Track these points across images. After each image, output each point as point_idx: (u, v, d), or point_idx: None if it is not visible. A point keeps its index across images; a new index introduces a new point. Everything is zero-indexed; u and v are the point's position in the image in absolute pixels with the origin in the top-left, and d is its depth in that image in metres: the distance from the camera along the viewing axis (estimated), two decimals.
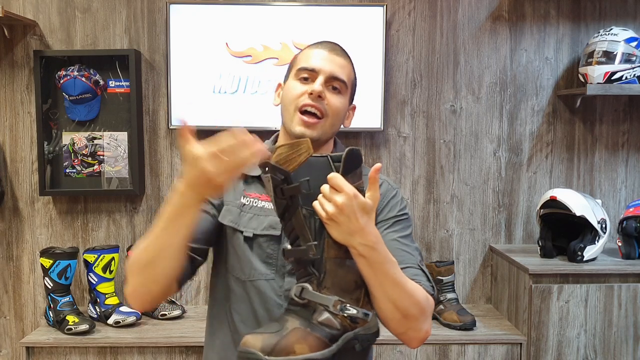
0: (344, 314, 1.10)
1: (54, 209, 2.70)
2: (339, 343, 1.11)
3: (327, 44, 1.39)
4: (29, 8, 2.62)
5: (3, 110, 2.67)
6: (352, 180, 1.09)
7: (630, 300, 2.34)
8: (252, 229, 1.33)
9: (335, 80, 1.35)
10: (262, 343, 1.08)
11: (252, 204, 1.36)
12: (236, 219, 1.35)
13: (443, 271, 2.53)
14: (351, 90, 1.41)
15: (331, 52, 1.37)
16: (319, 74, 1.34)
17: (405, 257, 1.30)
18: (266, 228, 1.32)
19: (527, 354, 2.36)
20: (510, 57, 2.71)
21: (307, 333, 1.10)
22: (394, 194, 1.41)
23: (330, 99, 1.34)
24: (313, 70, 1.34)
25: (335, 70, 1.35)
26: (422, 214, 2.74)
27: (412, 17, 2.68)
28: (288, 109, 1.35)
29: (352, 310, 1.10)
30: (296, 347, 1.08)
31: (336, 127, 1.39)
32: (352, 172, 1.11)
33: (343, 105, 1.37)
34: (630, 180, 2.76)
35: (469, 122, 2.72)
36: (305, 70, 1.35)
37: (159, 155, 2.70)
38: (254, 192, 1.37)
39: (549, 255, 2.47)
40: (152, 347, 2.34)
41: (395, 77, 2.69)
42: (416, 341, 1.25)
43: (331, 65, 1.35)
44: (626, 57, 2.46)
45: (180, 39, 2.57)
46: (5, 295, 2.72)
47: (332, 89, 1.35)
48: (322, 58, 1.36)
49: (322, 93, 1.32)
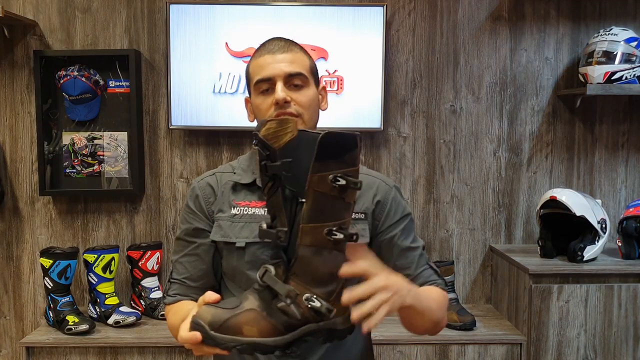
0: (308, 305, 1.04)
1: (54, 209, 2.70)
2: (295, 333, 1.05)
3: (270, 45, 1.36)
4: (29, 8, 2.63)
5: (3, 110, 2.67)
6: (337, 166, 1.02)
7: (630, 300, 2.34)
8: (244, 238, 1.32)
9: (293, 77, 1.33)
10: (212, 317, 1.03)
11: (243, 212, 1.34)
12: (227, 231, 1.34)
13: (443, 271, 2.53)
14: (314, 77, 1.38)
15: (278, 52, 1.34)
16: (276, 80, 1.32)
17: (419, 261, 1.38)
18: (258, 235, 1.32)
19: (527, 354, 2.36)
20: (510, 57, 2.71)
21: (262, 317, 1.05)
22: (392, 195, 1.40)
23: (297, 98, 1.32)
24: (269, 79, 1.32)
25: (289, 68, 1.32)
26: (422, 214, 2.74)
27: (412, 17, 2.68)
28: None
29: (316, 302, 1.04)
30: (245, 329, 1.03)
31: (315, 118, 1.37)
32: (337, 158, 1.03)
33: (312, 96, 1.35)
34: (630, 180, 2.76)
35: (469, 122, 2.72)
36: (262, 82, 1.33)
37: (159, 155, 2.70)
38: (243, 201, 1.36)
39: (549, 255, 2.47)
40: (152, 347, 2.34)
41: (395, 77, 2.69)
42: (438, 332, 1.34)
43: (282, 65, 1.32)
44: (626, 57, 2.46)
45: (180, 39, 2.57)
46: (5, 295, 2.72)
47: (294, 87, 1.33)
48: (272, 62, 1.33)
49: (286, 98, 1.30)
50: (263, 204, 1.33)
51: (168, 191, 2.71)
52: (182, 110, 2.59)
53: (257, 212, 1.33)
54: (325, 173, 1.03)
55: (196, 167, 2.69)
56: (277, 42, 1.37)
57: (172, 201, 2.71)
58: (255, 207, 1.34)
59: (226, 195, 1.37)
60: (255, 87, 1.35)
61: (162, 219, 2.71)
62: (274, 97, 1.31)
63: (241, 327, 1.03)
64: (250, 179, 1.36)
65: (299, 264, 1.06)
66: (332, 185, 1.03)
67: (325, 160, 1.03)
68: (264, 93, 1.34)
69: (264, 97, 1.33)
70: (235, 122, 2.59)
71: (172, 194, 2.71)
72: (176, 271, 1.40)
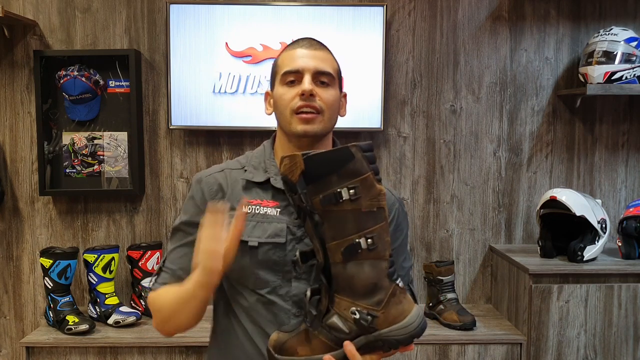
0: (352, 318, 1.09)
1: (54, 209, 2.70)
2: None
3: (303, 42, 1.38)
4: (29, 8, 2.63)
5: (3, 110, 2.67)
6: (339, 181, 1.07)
7: (630, 300, 2.34)
8: (257, 237, 1.31)
9: (321, 75, 1.34)
10: (276, 341, 1.12)
11: (255, 211, 1.34)
12: None
13: (443, 271, 2.53)
14: (339, 80, 1.40)
15: (310, 49, 1.36)
16: (305, 73, 1.33)
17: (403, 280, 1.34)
18: (271, 236, 1.31)
19: (527, 354, 2.36)
20: (510, 57, 2.71)
21: (313, 335, 1.10)
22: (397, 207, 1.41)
23: (322, 94, 1.33)
24: (298, 72, 1.33)
25: (319, 65, 1.34)
26: (422, 214, 2.74)
27: (412, 17, 2.68)
28: (284, 114, 1.34)
29: (356, 314, 1.09)
30: (299, 349, 1.09)
31: (334, 119, 1.38)
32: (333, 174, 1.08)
33: (335, 97, 1.36)
34: (630, 180, 2.76)
35: (469, 122, 2.72)
36: (290, 74, 1.34)
37: (159, 155, 2.70)
38: (255, 199, 1.35)
39: (549, 255, 2.47)
40: (152, 347, 2.34)
41: (395, 77, 2.69)
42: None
43: (314, 61, 1.34)
44: (626, 57, 2.46)
45: (180, 39, 2.57)
46: (5, 295, 2.72)
47: (320, 84, 1.34)
48: (303, 56, 1.34)
49: (312, 91, 1.31)
50: (276, 203, 1.33)
51: (168, 191, 2.71)
52: (182, 110, 2.59)
53: (270, 211, 1.33)
54: (326, 192, 1.07)
55: (196, 167, 2.69)
56: (311, 40, 1.39)
57: (172, 201, 2.71)
58: (268, 207, 1.34)
59: (237, 193, 1.36)
60: (282, 77, 1.35)
61: (162, 219, 2.71)
62: (300, 88, 1.32)
63: (295, 348, 1.10)
64: (263, 178, 1.36)
65: (337, 281, 1.11)
66: (335, 203, 1.07)
67: (320, 183, 1.07)
68: (289, 84, 1.34)
69: (289, 87, 1.34)
70: (235, 122, 2.60)
71: (172, 194, 2.71)
72: (170, 260, 1.39)
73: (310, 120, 1.31)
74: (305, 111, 1.31)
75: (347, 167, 1.07)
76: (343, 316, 1.09)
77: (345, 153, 1.08)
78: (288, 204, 1.32)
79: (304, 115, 1.31)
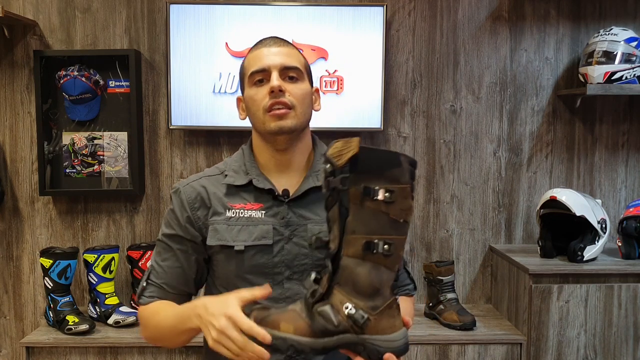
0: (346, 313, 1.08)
1: (54, 209, 2.70)
2: (327, 340, 1.09)
3: (266, 41, 1.37)
4: (29, 8, 2.63)
5: (3, 110, 2.67)
6: (378, 182, 1.08)
7: (630, 300, 2.34)
8: (243, 241, 1.31)
9: (289, 70, 1.33)
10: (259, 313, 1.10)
11: (239, 214, 1.33)
12: (224, 235, 1.33)
13: (443, 271, 2.53)
14: (308, 75, 1.39)
15: (274, 46, 1.35)
16: (272, 70, 1.32)
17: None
18: (257, 238, 1.31)
19: (527, 354, 2.36)
20: (510, 57, 2.71)
21: (300, 317, 1.09)
22: None
23: (292, 89, 1.32)
24: (264, 70, 1.32)
25: (285, 60, 1.33)
26: (422, 214, 2.74)
27: (412, 17, 2.68)
28: (256, 114, 1.33)
29: (352, 309, 1.08)
30: (282, 324, 1.08)
31: (308, 114, 1.36)
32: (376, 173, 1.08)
33: (305, 91, 1.35)
34: (630, 180, 2.76)
35: (469, 122, 2.72)
36: (257, 73, 1.33)
37: (159, 155, 2.70)
38: (238, 203, 1.34)
39: (549, 255, 2.47)
40: (152, 347, 2.34)
41: (395, 77, 2.69)
42: None
43: (279, 57, 1.33)
44: (626, 57, 2.46)
45: (180, 39, 2.57)
46: (5, 295, 2.72)
47: (289, 79, 1.33)
48: (269, 54, 1.33)
49: (281, 87, 1.30)
50: (260, 205, 1.33)
51: (168, 191, 2.71)
52: (182, 110, 2.59)
53: (254, 214, 1.32)
54: (366, 184, 1.08)
55: (196, 167, 2.69)
56: (273, 38, 1.38)
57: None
58: (252, 210, 1.33)
59: (219, 199, 1.35)
60: (249, 79, 1.34)
61: (162, 219, 2.71)
62: (268, 86, 1.31)
63: (279, 323, 1.09)
64: (245, 180, 1.35)
65: (342, 274, 1.10)
66: (370, 198, 1.07)
67: (364, 174, 1.08)
68: (258, 84, 1.33)
69: (258, 87, 1.33)
70: (235, 122, 2.57)
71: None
72: (155, 274, 1.39)
73: (283, 116, 1.30)
74: (277, 108, 1.30)
75: (392, 171, 1.08)
76: (336, 308, 1.09)
77: (395, 158, 1.09)
78: (273, 205, 1.32)
79: (276, 112, 1.30)
